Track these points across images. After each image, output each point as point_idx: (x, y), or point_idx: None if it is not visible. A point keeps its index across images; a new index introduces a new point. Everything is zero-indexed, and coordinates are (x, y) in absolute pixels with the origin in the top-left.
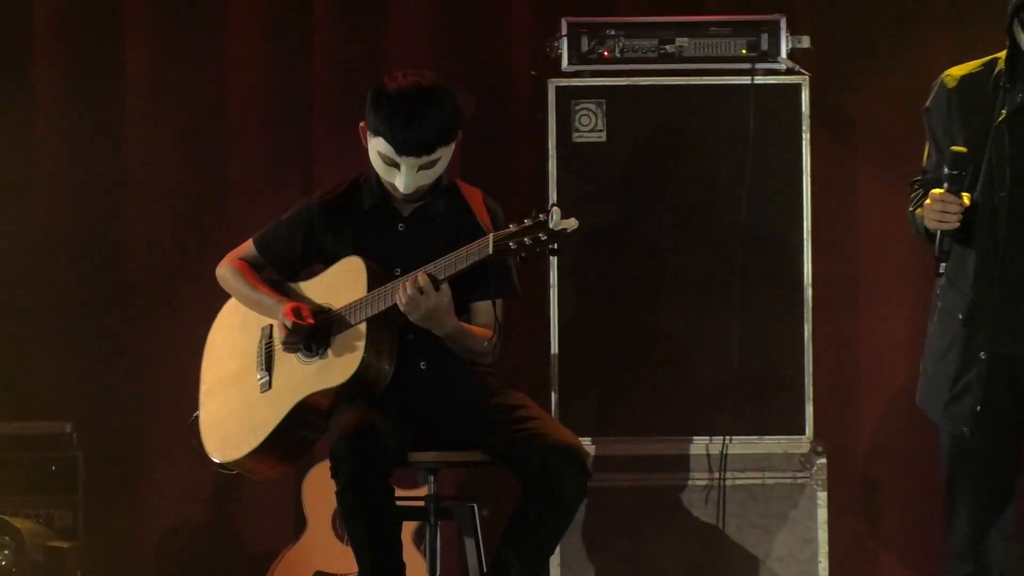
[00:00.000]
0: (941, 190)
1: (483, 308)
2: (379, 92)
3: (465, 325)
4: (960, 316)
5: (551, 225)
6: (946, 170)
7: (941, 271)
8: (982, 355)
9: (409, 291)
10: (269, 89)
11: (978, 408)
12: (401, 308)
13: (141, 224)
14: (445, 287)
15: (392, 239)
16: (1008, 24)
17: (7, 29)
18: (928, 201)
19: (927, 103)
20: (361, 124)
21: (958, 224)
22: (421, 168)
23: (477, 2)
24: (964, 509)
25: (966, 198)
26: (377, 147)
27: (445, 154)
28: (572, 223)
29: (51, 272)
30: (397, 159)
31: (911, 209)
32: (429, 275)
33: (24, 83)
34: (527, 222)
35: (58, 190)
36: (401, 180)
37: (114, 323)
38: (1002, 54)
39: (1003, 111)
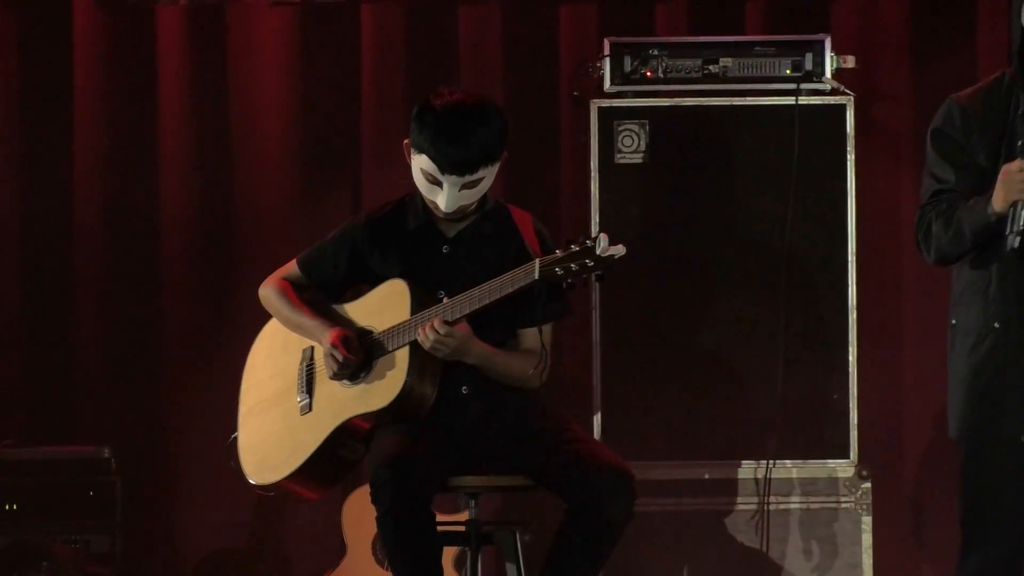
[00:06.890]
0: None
1: (528, 334)
2: (424, 109)
3: (499, 351)
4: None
5: (599, 252)
6: (1020, 143)
7: (1016, 245)
8: None
9: (431, 336)
10: (315, 106)
11: None
12: (428, 350)
13: (179, 247)
14: (461, 324)
15: (436, 261)
16: (1017, 12)
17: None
18: (1002, 177)
19: (934, 125)
20: (405, 141)
21: None
22: (464, 187)
23: (521, 22)
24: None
25: None
26: (420, 164)
27: (489, 174)
28: (620, 250)
29: (90, 298)
30: (440, 177)
31: (943, 220)
32: (443, 320)
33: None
34: (574, 247)
35: (97, 217)
36: (443, 199)
37: (153, 348)
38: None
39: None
